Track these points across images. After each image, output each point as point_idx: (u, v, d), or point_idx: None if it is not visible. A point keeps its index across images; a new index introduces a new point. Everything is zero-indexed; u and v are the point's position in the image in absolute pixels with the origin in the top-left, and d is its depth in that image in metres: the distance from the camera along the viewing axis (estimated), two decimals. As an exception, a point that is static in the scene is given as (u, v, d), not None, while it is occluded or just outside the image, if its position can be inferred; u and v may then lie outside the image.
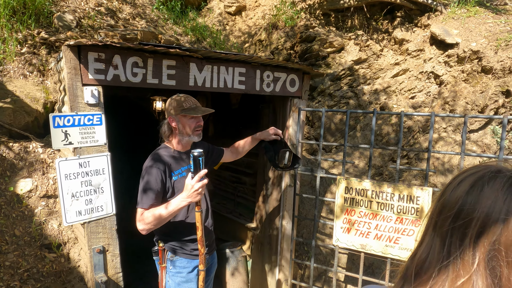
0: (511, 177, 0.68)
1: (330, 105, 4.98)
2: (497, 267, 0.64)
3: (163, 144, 2.26)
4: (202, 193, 1.87)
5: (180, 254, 2.17)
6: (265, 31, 5.77)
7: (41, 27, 3.79)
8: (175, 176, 2.12)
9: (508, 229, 0.63)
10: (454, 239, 0.68)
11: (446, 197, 0.73)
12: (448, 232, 0.69)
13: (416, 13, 5.33)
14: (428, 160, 2.65)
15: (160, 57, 2.37)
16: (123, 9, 4.97)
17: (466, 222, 0.67)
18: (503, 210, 0.64)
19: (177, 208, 1.90)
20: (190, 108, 2.12)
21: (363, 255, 2.91)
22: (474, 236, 0.66)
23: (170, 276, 2.18)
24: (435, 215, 0.74)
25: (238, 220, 4.14)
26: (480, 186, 0.69)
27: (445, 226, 0.70)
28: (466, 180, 0.72)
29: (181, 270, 2.17)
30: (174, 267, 2.17)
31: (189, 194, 1.85)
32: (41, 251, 2.64)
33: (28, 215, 2.73)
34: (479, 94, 4.16)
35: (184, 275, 2.16)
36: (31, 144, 3.05)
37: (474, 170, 0.74)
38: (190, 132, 2.15)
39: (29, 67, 3.47)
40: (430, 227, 0.75)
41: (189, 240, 2.17)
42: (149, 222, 1.95)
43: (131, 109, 6.20)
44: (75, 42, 2.02)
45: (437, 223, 0.73)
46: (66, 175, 2.12)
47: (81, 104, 2.15)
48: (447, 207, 0.71)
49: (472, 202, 0.68)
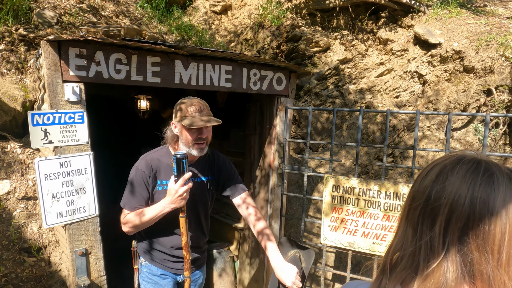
0: (474, 163, 0.69)
1: (316, 104, 5.00)
2: (468, 251, 0.65)
3: (166, 146, 2.04)
4: (186, 197, 1.77)
5: (150, 260, 2.07)
6: (251, 30, 5.75)
7: (20, 23, 3.66)
8: (160, 186, 1.95)
9: (475, 214, 0.64)
10: (424, 227, 0.69)
11: (415, 188, 0.74)
12: (419, 221, 0.70)
13: (400, 14, 5.41)
14: (414, 157, 2.67)
15: (144, 53, 2.31)
16: (106, 7, 4.86)
17: (435, 209, 0.68)
18: (468, 195, 0.65)
19: (160, 213, 1.81)
20: (191, 116, 1.84)
21: (351, 253, 2.92)
22: (443, 222, 0.67)
23: (141, 280, 2.12)
24: (406, 206, 0.75)
25: (225, 221, 4.10)
26: (445, 173, 0.70)
27: (416, 215, 0.71)
28: (433, 169, 0.73)
29: (151, 276, 2.07)
30: (143, 272, 2.09)
31: (173, 199, 1.75)
32: (20, 255, 2.54)
33: (6, 218, 2.62)
34: (462, 93, 4.24)
35: (154, 282, 2.06)
36: (9, 144, 2.93)
37: (440, 160, 0.75)
38: (190, 144, 1.88)
39: (7, 64, 3.34)
40: (403, 219, 0.75)
41: (163, 249, 2.04)
42: (133, 226, 1.89)
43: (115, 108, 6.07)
44: (55, 37, 1.95)
45: (408, 214, 0.74)
46: (46, 175, 2.04)
47: (61, 102, 2.07)
48: (417, 197, 0.72)
49: (438, 189, 0.69)
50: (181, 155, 1.72)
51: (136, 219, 1.86)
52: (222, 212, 4.25)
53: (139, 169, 1.92)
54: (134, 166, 1.96)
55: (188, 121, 1.82)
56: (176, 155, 1.72)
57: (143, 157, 1.98)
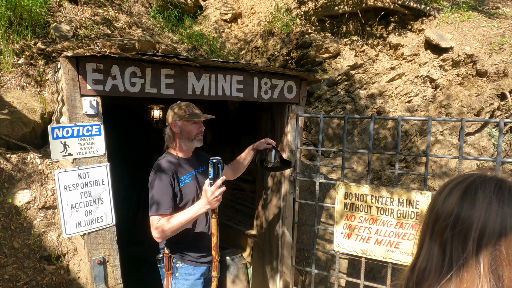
0: (499, 181, 0.72)
1: (327, 110, 5.01)
2: (499, 268, 0.67)
3: (166, 152, 2.27)
4: (220, 199, 1.91)
5: (186, 262, 2.18)
6: (261, 38, 5.81)
7: (38, 37, 3.79)
8: (182, 182, 2.14)
9: (506, 232, 0.67)
10: (455, 246, 0.71)
11: (439, 207, 0.76)
12: (448, 240, 0.72)
13: (410, 18, 5.40)
14: (427, 164, 2.66)
15: (158, 66, 2.37)
16: (119, 18, 4.99)
17: (465, 229, 0.70)
18: (499, 213, 0.68)
19: (196, 214, 1.93)
20: (192, 114, 2.17)
21: (364, 260, 2.91)
22: (476, 241, 0.69)
23: (176, 283, 2.19)
24: (430, 224, 0.77)
25: (238, 227, 4.13)
26: (472, 192, 0.72)
27: (444, 234, 0.73)
28: (457, 188, 0.75)
29: (187, 277, 2.18)
30: (180, 274, 2.18)
31: (209, 201, 1.88)
32: (40, 263, 2.62)
33: (27, 227, 2.71)
34: (475, 97, 4.20)
35: (190, 282, 2.18)
36: (29, 155, 3.04)
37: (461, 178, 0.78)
38: (192, 136, 2.18)
39: (26, 78, 3.47)
40: (426, 237, 0.77)
41: (195, 248, 2.19)
42: (167, 230, 1.94)
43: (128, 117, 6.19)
44: (74, 53, 2.02)
45: (433, 232, 0.76)
46: (66, 186, 2.11)
47: (79, 115, 2.15)
48: (443, 216, 0.74)
49: (467, 209, 0.71)
50: (216, 160, 1.86)
51: (172, 223, 1.93)
52: (234, 219, 4.29)
53: (163, 173, 2.05)
54: (155, 173, 2.07)
55: (193, 117, 2.14)
56: (212, 160, 1.85)
57: (159, 163, 2.13)
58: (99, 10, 4.79)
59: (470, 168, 3.86)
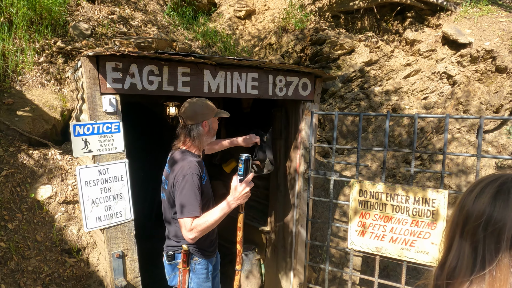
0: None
1: (341, 107, 4.98)
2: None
3: (184, 149, 2.22)
4: (249, 195, 1.98)
5: (203, 256, 2.24)
6: (275, 34, 5.80)
7: (58, 36, 3.88)
8: (203, 181, 2.17)
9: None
10: (487, 246, 0.73)
11: (469, 206, 0.77)
12: (480, 240, 0.74)
13: (427, 13, 5.30)
14: (444, 162, 2.63)
15: (175, 64, 2.41)
16: (135, 17, 5.05)
17: (498, 229, 0.72)
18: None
19: (228, 211, 1.96)
20: (220, 111, 2.28)
21: (379, 258, 2.90)
22: (510, 241, 0.71)
23: (193, 279, 2.23)
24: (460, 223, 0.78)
25: (252, 223, 4.17)
26: (505, 192, 0.73)
27: (476, 234, 0.75)
28: (487, 188, 0.76)
29: (203, 271, 2.25)
30: (197, 269, 2.23)
31: (239, 196, 1.94)
32: (61, 256, 2.71)
33: (49, 221, 2.81)
34: (494, 94, 4.11)
35: (204, 276, 2.25)
36: (50, 151, 3.13)
37: (493, 178, 0.78)
38: (214, 133, 2.30)
39: (47, 76, 3.56)
40: (456, 235, 0.78)
41: (210, 241, 2.28)
42: (203, 229, 1.94)
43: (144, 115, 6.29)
44: (94, 52, 2.07)
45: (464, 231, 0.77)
46: (87, 182, 2.18)
47: (99, 113, 2.20)
48: (474, 216, 0.75)
49: (500, 209, 0.72)
50: (246, 156, 1.91)
51: (208, 222, 1.94)
52: (248, 215, 4.32)
53: (194, 174, 2.02)
54: (190, 174, 2.01)
55: (221, 114, 2.27)
56: (242, 156, 1.91)
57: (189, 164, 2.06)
58: (116, 8, 4.86)
59: (488, 166, 3.79)
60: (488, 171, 3.76)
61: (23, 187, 2.85)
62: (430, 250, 2.68)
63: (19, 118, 3.15)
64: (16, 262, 2.52)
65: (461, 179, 3.89)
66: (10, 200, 2.75)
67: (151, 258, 4.91)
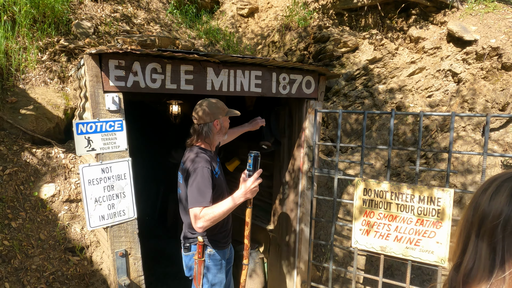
0: None
1: (345, 106, 4.95)
2: None
3: (197, 147, 2.35)
4: (257, 190, 2.05)
5: (217, 248, 2.34)
6: (278, 32, 5.77)
7: (61, 34, 3.88)
8: (216, 174, 2.30)
9: None
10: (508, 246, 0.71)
11: (485, 207, 0.75)
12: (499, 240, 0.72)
13: (432, 10, 5.25)
14: (449, 161, 2.60)
15: (178, 62, 2.39)
16: (138, 15, 5.04)
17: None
18: None
19: (236, 204, 2.05)
20: (230, 110, 2.39)
21: (383, 257, 2.88)
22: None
23: (208, 269, 2.32)
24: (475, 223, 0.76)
25: (255, 222, 4.15)
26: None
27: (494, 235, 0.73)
28: (503, 187, 0.74)
29: (217, 262, 2.35)
30: (212, 260, 2.33)
31: (248, 190, 2.02)
32: (65, 254, 2.71)
33: (52, 219, 2.81)
34: (500, 92, 4.06)
35: (219, 267, 2.36)
36: (53, 150, 3.13)
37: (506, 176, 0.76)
38: (226, 131, 2.41)
39: (50, 74, 3.56)
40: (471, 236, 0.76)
41: (223, 233, 2.39)
42: (210, 219, 2.04)
43: (147, 113, 6.28)
44: (97, 50, 2.06)
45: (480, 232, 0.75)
46: (90, 181, 2.17)
47: (102, 111, 2.19)
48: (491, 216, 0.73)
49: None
50: (256, 153, 1.98)
51: (218, 213, 2.03)
52: (251, 214, 4.31)
53: (205, 167, 2.16)
54: (198, 166, 2.16)
55: (232, 113, 2.37)
56: (252, 153, 1.98)
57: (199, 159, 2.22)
58: (118, 6, 4.85)
59: (494, 165, 3.75)
60: (494, 169, 3.72)
61: (27, 185, 2.85)
62: (435, 249, 2.66)
63: (23, 117, 3.15)
64: (20, 261, 2.52)
65: (467, 178, 3.85)
66: (14, 198, 2.75)
67: (155, 257, 4.92)
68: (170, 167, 6.04)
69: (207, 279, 2.33)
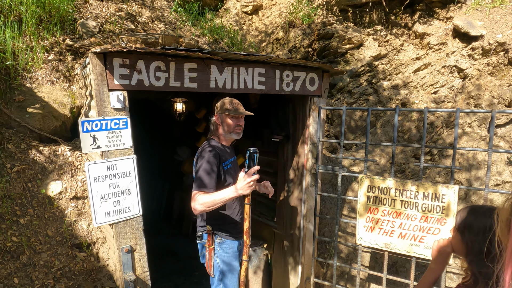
0: None
1: (349, 102, 4.93)
2: None
3: (211, 139, 2.51)
4: (253, 187, 2.06)
5: (226, 237, 2.44)
6: (282, 29, 5.76)
7: (66, 34, 3.92)
8: (226, 166, 2.40)
9: None
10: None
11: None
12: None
13: (437, 6, 5.20)
14: (454, 157, 2.59)
15: (181, 60, 2.41)
16: (142, 13, 5.07)
17: None
18: None
19: (229, 197, 2.10)
20: (232, 109, 2.40)
21: (387, 254, 2.88)
22: None
23: (218, 256, 2.41)
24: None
25: (259, 219, 4.17)
26: None
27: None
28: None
29: (227, 250, 2.44)
30: (222, 248, 2.43)
31: (242, 187, 2.05)
32: (72, 250, 2.75)
33: (59, 216, 2.85)
34: (506, 87, 4.02)
35: (229, 255, 2.44)
36: (59, 148, 3.17)
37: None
38: (231, 129, 2.43)
39: (56, 73, 3.60)
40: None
41: (233, 226, 2.47)
42: (204, 203, 2.12)
43: (152, 111, 6.32)
44: (102, 49, 2.09)
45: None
46: (95, 178, 2.20)
47: (107, 109, 2.22)
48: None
49: None
50: (253, 150, 2.00)
51: (209, 199, 2.13)
52: (256, 211, 4.33)
53: (211, 155, 2.28)
54: (204, 153, 2.30)
55: (232, 110, 2.37)
56: (249, 149, 2.00)
57: (208, 146, 2.37)
58: (123, 5, 4.88)
59: (500, 161, 3.72)
60: (500, 166, 3.69)
61: (34, 183, 2.90)
62: (439, 246, 2.65)
63: (30, 115, 3.19)
64: (28, 256, 2.56)
65: (472, 174, 3.82)
66: (22, 195, 2.79)
67: (160, 253, 4.97)
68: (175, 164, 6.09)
69: (219, 266, 2.44)
